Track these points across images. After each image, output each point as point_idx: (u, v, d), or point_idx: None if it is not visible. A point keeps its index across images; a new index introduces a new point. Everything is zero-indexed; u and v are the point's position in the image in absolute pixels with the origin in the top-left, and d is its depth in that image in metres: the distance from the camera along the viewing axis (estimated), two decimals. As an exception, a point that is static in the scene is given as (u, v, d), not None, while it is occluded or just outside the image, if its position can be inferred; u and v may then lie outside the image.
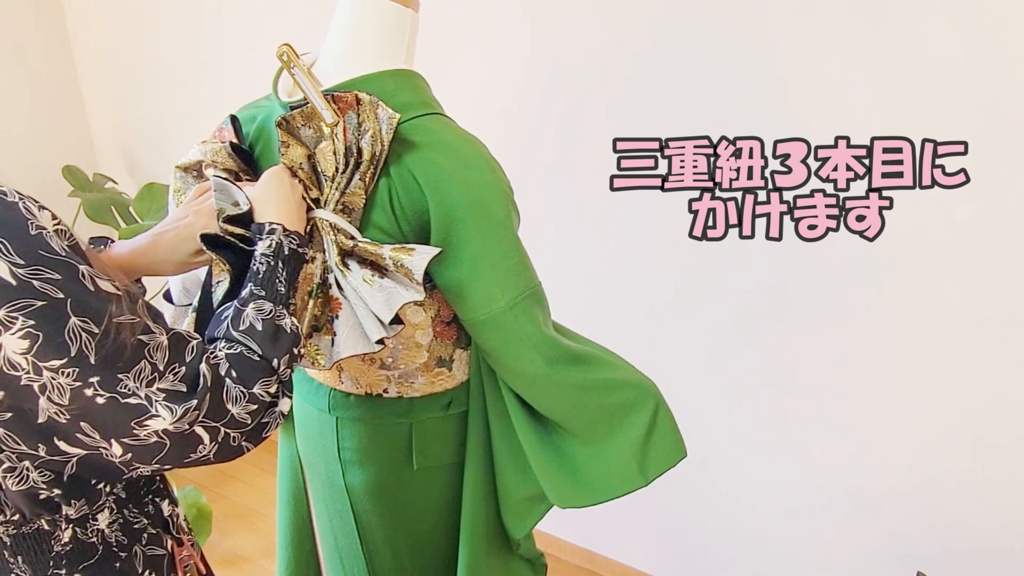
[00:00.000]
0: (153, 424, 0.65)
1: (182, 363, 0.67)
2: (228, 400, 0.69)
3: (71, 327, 0.61)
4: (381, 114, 0.86)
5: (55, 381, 0.62)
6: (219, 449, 0.70)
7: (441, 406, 1.04)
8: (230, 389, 0.70)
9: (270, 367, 0.73)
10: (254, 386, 0.71)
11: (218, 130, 1.00)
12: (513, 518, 1.09)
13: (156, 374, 0.65)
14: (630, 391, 0.98)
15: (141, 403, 0.64)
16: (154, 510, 0.83)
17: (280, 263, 0.79)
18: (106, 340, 0.63)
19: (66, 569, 0.75)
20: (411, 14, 0.95)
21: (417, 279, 0.85)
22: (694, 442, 1.04)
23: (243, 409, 0.70)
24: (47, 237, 0.62)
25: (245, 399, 0.70)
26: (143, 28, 2.38)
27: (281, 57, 0.89)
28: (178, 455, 0.68)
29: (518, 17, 1.66)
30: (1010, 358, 1.36)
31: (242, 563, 2.09)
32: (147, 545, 0.81)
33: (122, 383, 0.64)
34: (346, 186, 0.89)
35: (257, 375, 0.72)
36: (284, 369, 0.74)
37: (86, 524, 0.75)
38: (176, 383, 0.66)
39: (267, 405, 0.72)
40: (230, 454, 0.72)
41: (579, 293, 1.76)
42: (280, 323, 0.75)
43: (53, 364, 0.61)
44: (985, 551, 1.48)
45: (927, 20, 1.26)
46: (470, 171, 0.89)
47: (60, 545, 0.74)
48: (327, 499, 1.12)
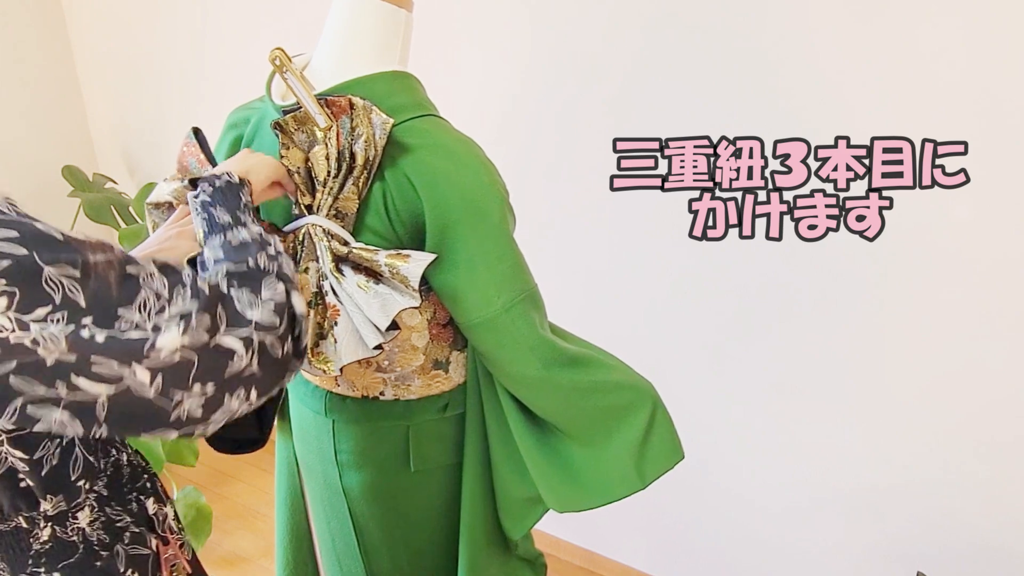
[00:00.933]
0: (165, 343, 0.61)
1: (184, 285, 0.65)
2: (243, 307, 0.67)
3: (48, 276, 0.59)
4: (375, 119, 0.86)
5: (45, 331, 0.59)
6: (260, 359, 0.66)
7: (438, 408, 1.04)
8: (240, 297, 0.67)
9: (258, 269, 0.71)
10: (261, 291, 0.69)
11: (184, 144, 1.00)
12: (510, 519, 1.09)
13: (164, 301, 0.63)
14: (627, 393, 0.97)
15: (144, 336, 0.61)
16: (138, 508, 0.82)
17: (209, 209, 0.78)
18: (90, 280, 0.60)
19: (45, 568, 0.73)
20: (405, 15, 0.95)
21: (413, 286, 0.85)
22: (694, 442, 1.04)
23: (264, 309, 0.67)
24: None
25: (259, 301, 0.68)
26: (143, 28, 2.38)
27: (274, 61, 0.88)
28: (215, 371, 0.64)
29: (518, 17, 1.66)
30: (1010, 358, 1.35)
31: (242, 563, 2.09)
32: (129, 544, 0.79)
33: (122, 319, 0.61)
34: (339, 191, 0.88)
35: (257, 279, 0.70)
36: (268, 264, 0.72)
37: (65, 522, 0.74)
38: (187, 304, 0.63)
39: (284, 304, 0.70)
40: (274, 367, 0.68)
41: (579, 293, 1.76)
42: (235, 240, 0.74)
43: (39, 314, 0.58)
44: (985, 551, 1.48)
45: (927, 20, 1.26)
46: (465, 173, 0.89)
47: (39, 544, 0.73)
48: (324, 501, 1.12)
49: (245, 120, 1.03)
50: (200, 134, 0.98)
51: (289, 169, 0.89)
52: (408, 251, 0.87)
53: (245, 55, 2.15)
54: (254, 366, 0.65)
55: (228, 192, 0.80)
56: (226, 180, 0.81)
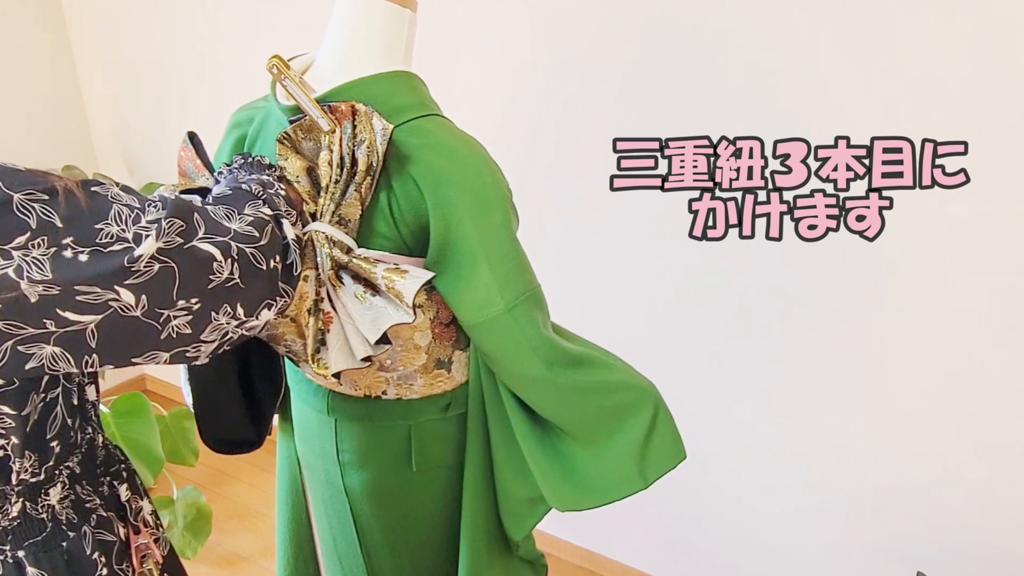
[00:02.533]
0: (143, 250, 0.61)
1: (154, 201, 0.66)
2: (220, 218, 0.68)
3: (18, 203, 0.59)
4: (376, 124, 0.86)
5: (28, 257, 0.59)
6: (242, 269, 0.67)
7: (440, 408, 1.04)
8: (216, 211, 0.69)
9: (245, 191, 0.73)
10: (243, 208, 0.70)
11: (181, 149, 1.00)
12: (512, 519, 1.09)
13: (138, 211, 0.63)
14: (629, 393, 0.97)
15: (127, 245, 0.62)
16: (109, 492, 0.81)
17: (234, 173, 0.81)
18: (61, 200, 0.60)
19: (11, 546, 0.73)
20: (409, 15, 0.95)
21: (407, 302, 0.85)
22: (693, 442, 1.04)
23: (242, 222, 0.68)
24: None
25: (238, 216, 0.69)
26: (143, 28, 2.38)
27: (271, 70, 0.88)
28: (197, 282, 0.65)
29: (518, 17, 1.66)
30: (1010, 358, 1.35)
31: (242, 563, 2.09)
32: (96, 527, 0.78)
33: (102, 232, 0.61)
34: (341, 197, 0.88)
35: (240, 201, 0.71)
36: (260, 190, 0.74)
37: (37, 498, 0.73)
38: (160, 212, 0.64)
39: (267, 222, 0.71)
40: (259, 278, 0.69)
41: (579, 293, 1.76)
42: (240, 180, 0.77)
43: (19, 241, 0.58)
44: (985, 551, 1.48)
45: (927, 20, 1.26)
46: (469, 173, 0.89)
47: (7, 519, 0.72)
48: (326, 500, 1.12)
49: (249, 120, 1.03)
50: (195, 138, 0.98)
51: (288, 179, 0.89)
52: (407, 266, 0.87)
53: (245, 55, 2.15)
54: (236, 277, 0.66)
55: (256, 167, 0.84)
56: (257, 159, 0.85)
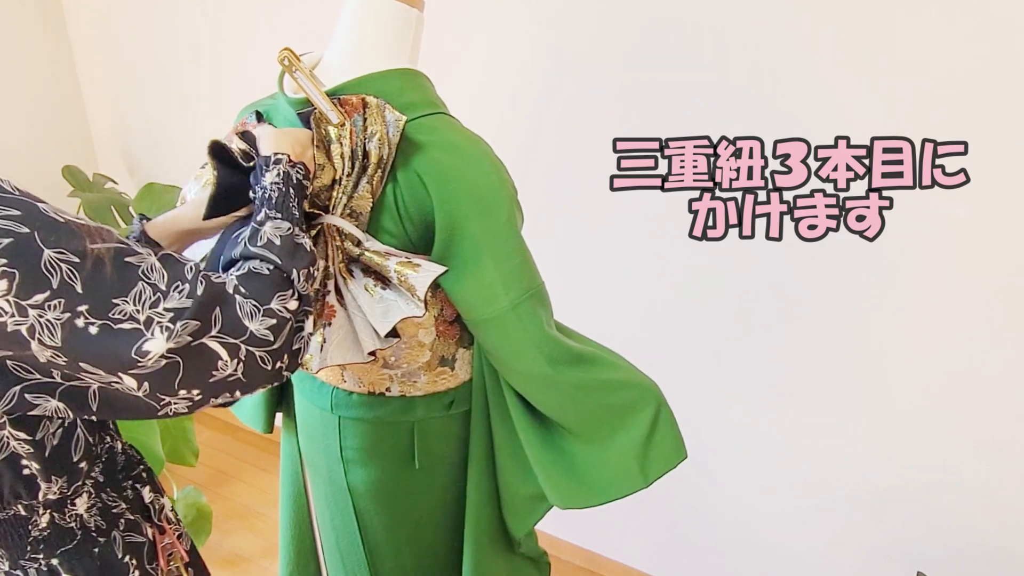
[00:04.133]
0: (152, 347, 0.61)
1: (184, 280, 0.64)
2: (243, 315, 0.66)
3: (47, 260, 0.58)
4: (388, 116, 0.86)
5: (43, 318, 0.59)
6: (246, 368, 0.66)
7: (443, 405, 1.05)
8: (243, 305, 0.67)
9: (286, 280, 0.70)
10: (270, 301, 0.68)
11: (241, 124, 1.00)
12: (514, 517, 1.10)
13: (159, 294, 0.62)
14: (632, 392, 0.98)
15: (137, 327, 0.61)
16: (133, 495, 0.82)
17: (291, 190, 0.78)
18: (88, 267, 0.60)
19: (43, 554, 0.74)
20: (416, 14, 0.96)
21: (419, 296, 0.85)
22: (693, 442, 1.04)
23: (262, 324, 0.67)
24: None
25: (261, 313, 0.67)
26: (143, 28, 2.38)
27: (282, 62, 0.88)
28: (200, 377, 0.65)
29: (518, 17, 1.66)
30: (1010, 358, 1.35)
31: (242, 563, 2.09)
32: (125, 531, 0.79)
33: (116, 308, 0.61)
34: (353, 190, 0.88)
35: (272, 289, 0.69)
36: (303, 283, 0.72)
37: (64, 508, 0.74)
38: (183, 300, 0.63)
39: (287, 322, 0.69)
40: (262, 376, 0.68)
41: (579, 293, 1.76)
42: (299, 241, 0.74)
43: (37, 299, 0.58)
44: (985, 551, 1.48)
45: (927, 20, 1.26)
46: (475, 170, 0.89)
47: (38, 530, 0.73)
48: (328, 498, 1.12)
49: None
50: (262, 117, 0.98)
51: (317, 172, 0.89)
52: (419, 260, 0.87)
53: (245, 55, 2.15)
54: (239, 373, 0.66)
55: (304, 196, 0.81)
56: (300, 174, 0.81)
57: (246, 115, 1.01)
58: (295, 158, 0.82)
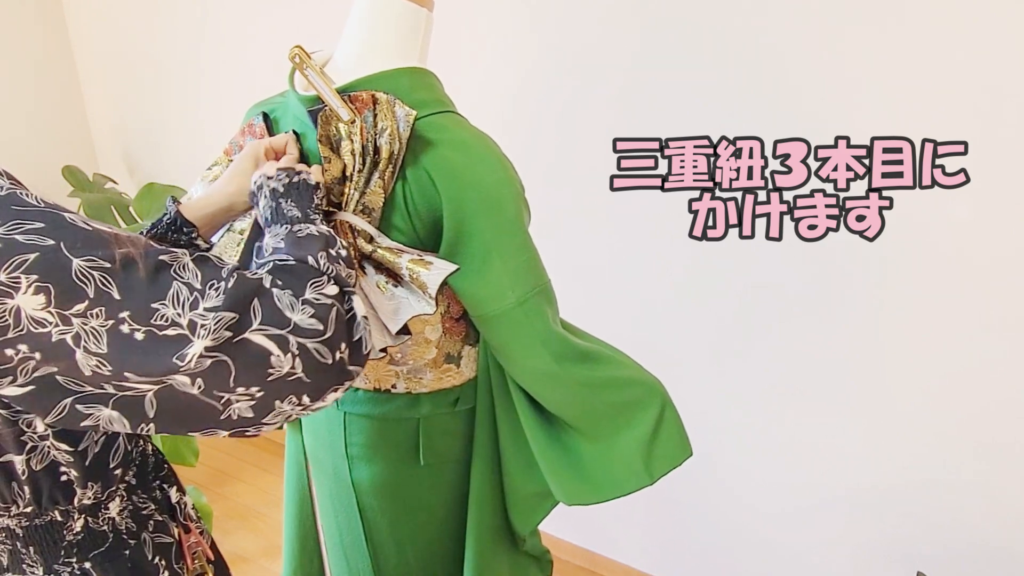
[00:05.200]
0: (190, 351, 0.60)
1: (220, 279, 0.63)
2: (283, 307, 0.64)
3: (77, 269, 0.57)
4: (398, 112, 0.87)
5: (87, 326, 0.58)
6: (305, 364, 0.64)
7: (449, 402, 1.05)
8: (280, 297, 0.65)
9: (310, 267, 0.69)
10: (305, 291, 0.66)
11: (247, 126, 1.00)
12: (519, 514, 1.10)
13: (196, 294, 0.61)
14: (637, 389, 0.98)
15: (182, 333, 0.60)
16: (161, 496, 0.82)
17: (280, 200, 0.78)
18: (120, 271, 0.59)
19: (77, 558, 0.74)
20: (426, 13, 0.96)
21: (430, 293, 0.86)
22: (693, 442, 1.04)
23: (304, 314, 0.65)
24: (20, 194, 0.59)
25: (300, 303, 0.65)
26: (143, 28, 2.38)
27: (293, 59, 0.89)
28: (255, 374, 0.62)
29: (518, 17, 1.66)
30: (1010, 358, 1.36)
31: (242, 563, 2.09)
32: (154, 532, 0.80)
33: (158, 313, 0.59)
34: (365, 185, 0.89)
35: (302, 279, 0.67)
36: (327, 265, 0.70)
37: (97, 512, 0.75)
38: (220, 298, 0.62)
39: (330, 308, 0.67)
40: (325, 373, 0.65)
41: (579, 293, 1.76)
42: (300, 234, 0.73)
43: (78, 309, 0.57)
44: (985, 551, 1.48)
45: (927, 20, 1.26)
46: (483, 168, 0.90)
47: (72, 534, 0.74)
48: (333, 495, 1.12)
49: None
50: (268, 119, 0.99)
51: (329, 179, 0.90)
52: (431, 258, 0.88)
53: (245, 55, 2.15)
54: (299, 371, 0.64)
55: (304, 191, 0.80)
56: (303, 179, 0.81)
57: (253, 116, 1.01)
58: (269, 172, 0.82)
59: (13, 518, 0.72)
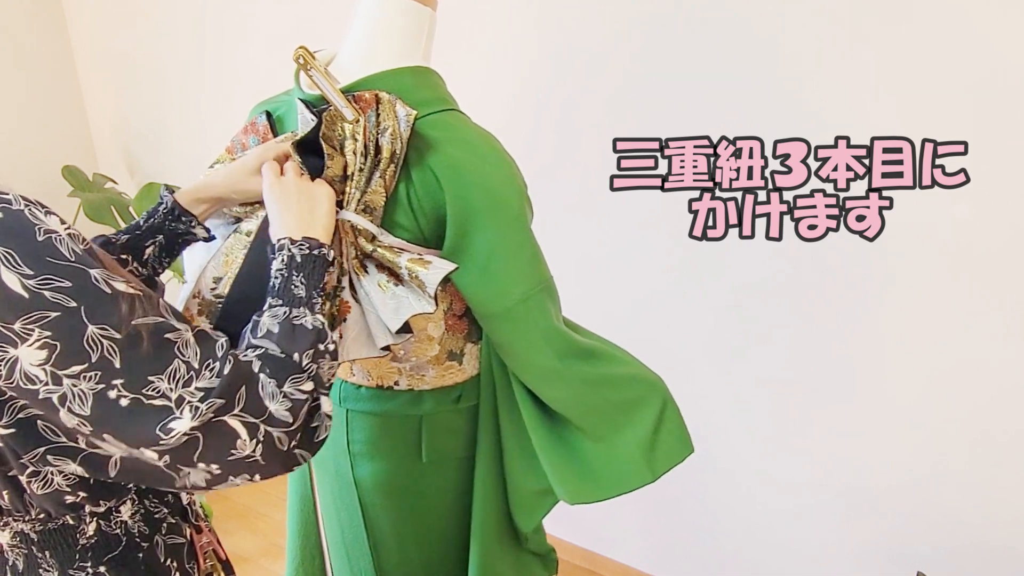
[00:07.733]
0: (177, 426, 0.62)
1: (215, 359, 0.66)
2: (264, 396, 0.67)
3: (89, 336, 0.60)
4: (399, 111, 0.87)
5: (76, 388, 0.60)
6: (265, 450, 0.67)
7: (451, 399, 1.05)
8: (265, 384, 0.68)
9: (294, 363, 0.71)
10: (284, 384, 0.69)
11: (250, 125, 1.00)
12: (522, 511, 1.10)
13: (192, 372, 0.64)
14: (639, 387, 0.99)
15: (167, 404, 0.62)
16: (173, 499, 0.83)
17: (293, 272, 0.79)
18: (128, 343, 0.61)
19: (91, 562, 0.75)
20: (429, 13, 0.97)
21: (429, 292, 0.86)
22: (694, 441, 1.04)
23: (280, 406, 0.68)
24: (56, 242, 0.60)
25: (280, 395, 0.68)
26: (143, 28, 2.38)
27: (297, 60, 0.89)
28: (219, 453, 0.65)
29: (519, 17, 1.67)
30: (1009, 357, 1.36)
31: (242, 563, 2.09)
32: (167, 534, 0.81)
33: (151, 385, 0.62)
34: (366, 185, 0.89)
35: (285, 372, 0.70)
36: (309, 364, 0.73)
37: (110, 516, 0.76)
38: (212, 379, 0.65)
39: (304, 403, 0.70)
40: (280, 459, 0.69)
41: (578, 293, 1.76)
42: (296, 322, 0.75)
43: (74, 370, 0.60)
44: (985, 550, 1.48)
45: (927, 20, 1.26)
46: (486, 165, 0.90)
47: (85, 538, 0.75)
48: (335, 492, 1.12)
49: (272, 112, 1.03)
50: (271, 117, 1.00)
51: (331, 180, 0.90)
52: (430, 257, 0.88)
53: (245, 54, 2.15)
54: (257, 455, 0.67)
55: (318, 266, 0.81)
56: (323, 254, 0.81)
57: (256, 114, 1.01)
58: (296, 235, 0.82)
59: (27, 523, 0.73)
